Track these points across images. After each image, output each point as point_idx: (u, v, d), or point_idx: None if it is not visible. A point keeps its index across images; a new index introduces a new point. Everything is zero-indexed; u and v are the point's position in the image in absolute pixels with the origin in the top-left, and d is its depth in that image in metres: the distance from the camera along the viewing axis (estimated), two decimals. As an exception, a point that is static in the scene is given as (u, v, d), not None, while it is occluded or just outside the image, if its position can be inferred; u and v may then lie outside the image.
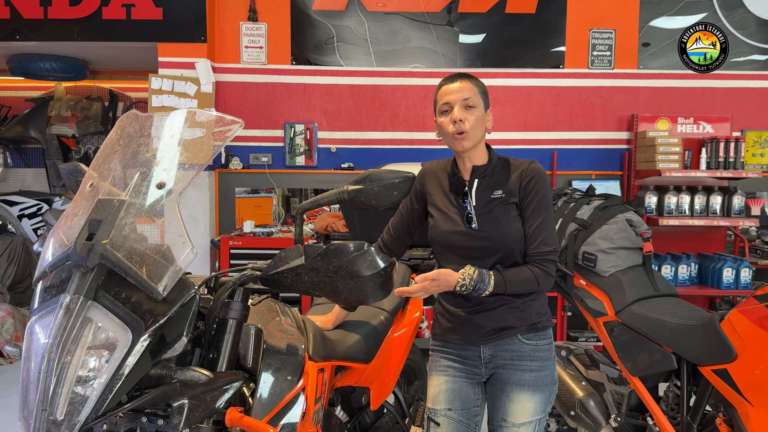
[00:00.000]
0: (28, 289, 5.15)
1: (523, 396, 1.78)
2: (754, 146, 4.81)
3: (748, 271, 4.24)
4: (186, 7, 4.53)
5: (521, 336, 1.79)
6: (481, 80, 1.83)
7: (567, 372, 2.58)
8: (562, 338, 4.54)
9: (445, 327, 1.87)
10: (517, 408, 1.78)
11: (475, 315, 1.79)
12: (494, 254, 1.75)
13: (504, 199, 1.76)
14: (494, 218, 1.75)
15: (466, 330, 1.81)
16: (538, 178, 1.77)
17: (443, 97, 1.79)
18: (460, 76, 1.81)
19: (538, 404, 1.78)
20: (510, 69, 4.82)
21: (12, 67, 5.30)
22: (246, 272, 1.42)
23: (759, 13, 4.79)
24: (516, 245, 1.75)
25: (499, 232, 1.74)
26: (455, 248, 1.78)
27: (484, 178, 1.80)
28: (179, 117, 1.42)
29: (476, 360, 1.84)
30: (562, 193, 2.70)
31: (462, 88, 1.77)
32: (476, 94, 1.78)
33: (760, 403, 1.84)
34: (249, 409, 1.38)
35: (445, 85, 1.80)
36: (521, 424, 1.77)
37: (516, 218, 1.76)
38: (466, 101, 1.76)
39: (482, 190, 1.79)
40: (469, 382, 1.86)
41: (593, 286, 2.44)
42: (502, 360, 1.81)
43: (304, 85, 4.80)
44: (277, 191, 5.11)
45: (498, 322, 1.77)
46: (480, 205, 1.77)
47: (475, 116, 1.76)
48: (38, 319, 1.15)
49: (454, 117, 1.74)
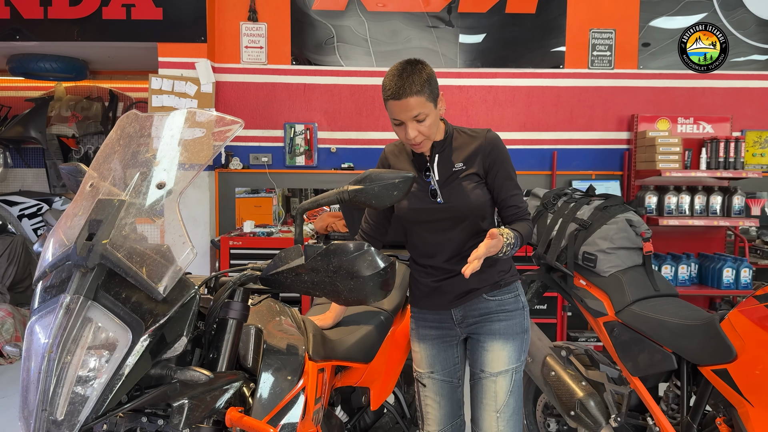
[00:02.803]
0: (28, 289, 5.15)
1: (496, 345, 1.90)
2: (754, 146, 4.81)
3: (748, 271, 4.24)
4: (186, 7, 4.53)
5: (486, 295, 1.91)
6: (424, 71, 1.72)
7: (567, 372, 2.58)
8: (562, 338, 4.54)
9: (417, 295, 2.01)
10: (492, 357, 1.89)
11: (441, 283, 1.90)
12: (460, 223, 1.85)
13: (464, 170, 1.84)
14: (457, 189, 1.83)
15: (435, 297, 1.94)
16: (497, 145, 1.86)
17: (392, 112, 1.74)
18: (403, 84, 1.69)
19: (512, 352, 1.90)
20: (510, 69, 4.81)
21: (12, 67, 5.30)
22: (246, 272, 1.42)
23: (759, 13, 4.79)
24: (479, 212, 1.85)
25: (463, 201, 1.82)
26: (422, 222, 1.88)
27: (444, 152, 1.87)
28: (179, 117, 1.42)
29: (450, 322, 1.97)
30: (562, 193, 2.70)
31: (409, 105, 1.70)
32: (423, 103, 1.71)
33: (760, 403, 1.84)
34: (249, 409, 1.38)
35: (391, 100, 1.71)
36: (498, 373, 1.88)
37: (477, 186, 1.84)
38: (416, 117, 1.73)
39: (443, 164, 1.86)
40: (446, 345, 2.00)
41: (593, 286, 2.44)
42: (473, 318, 1.94)
43: (304, 85, 4.80)
44: (277, 191, 5.11)
45: (463, 286, 1.89)
46: (442, 179, 1.85)
47: (428, 123, 1.76)
48: (38, 319, 1.15)
49: (408, 138, 1.76)
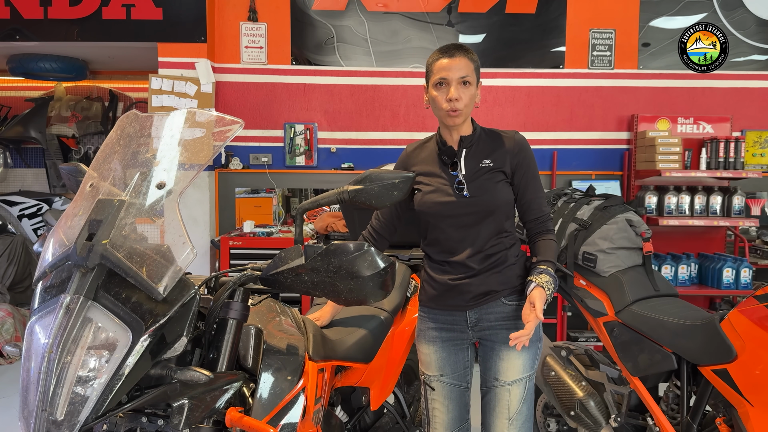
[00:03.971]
0: (28, 289, 5.15)
1: (512, 354, 1.84)
2: (754, 146, 4.81)
3: (748, 271, 4.24)
4: (186, 7, 4.53)
5: (504, 299, 1.85)
6: (474, 54, 1.81)
7: (567, 372, 2.58)
8: (562, 338, 4.54)
9: (430, 294, 1.91)
10: (507, 366, 1.84)
11: (460, 282, 1.84)
12: (484, 218, 1.81)
13: (492, 168, 1.82)
14: (483, 184, 1.81)
15: (451, 296, 1.86)
16: (526, 148, 1.87)
17: (439, 72, 1.78)
18: (458, 48, 1.78)
19: (527, 361, 1.85)
20: (510, 69, 4.81)
21: (12, 67, 5.29)
22: (246, 272, 1.42)
23: (759, 13, 4.78)
24: (504, 209, 1.83)
25: (489, 196, 1.80)
26: (446, 216, 1.83)
27: (471, 147, 1.86)
28: (179, 117, 1.42)
29: (462, 324, 1.89)
30: (562, 193, 2.69)
31: (460, 64, 1.76)
32: (472, 71, 1.78)
33: (760, 403, 1.84)
34: (249, 409, 1.38)
35: (442, 58, 1.78)
36: (512, 381, 1.84)
37: (503, 184, 1.83)
38: (463, 78, 1.76)
39: (470, 159, 1.84)
40: (457, 347, 1.93)
41: (593, 286, 2.44)
42: (488, 322, 1.86)
43: (304, 85, 4.79)
44: (277, 191, 5.11)
45: (483, 287, 1.83)
46: (469, 173, 1.82)
47: (470, 94, 1.79)
48: (38, 319, 1.15)
49: (451, 95, 1.76)
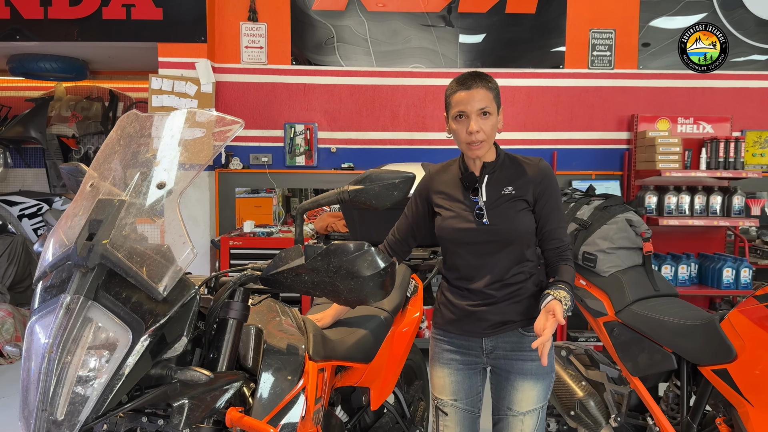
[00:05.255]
0: (28, 289, 5.15)
1: (527, 385, 1.83)
2: (754, 146, 4.81)
3: (748, 271, 4.24)
4: (186, 7, 4.53)
5: (522, 329, 1.83)
6: (493, 79, 1.78)
7: (567, 372, 2.58)
8: (562, 338, 4.54)
9: (447, 318, 1.89)
10: (521, 397, 1.83)
11: (478, 309, 1.81)
12: (504, 248, 1.77)
13: (514, 196, 1.78)
14: (504, 213, 1.77)
15: (468, 323, 1.84)
16: (550, 176, 1.83)
17: (458, 105, 1.73)
18: (474, 78, 1.74)
19: (541, 392, 1.84)
20: (510, 69, 4.82)
21: (12, 67, 5.30)
22: (246, 272, 1.42)
23: (759, 13, 4.79)
24: (525, 239, 1.79)
25: (509, 225, 1.76)
26: (465, 244, 1.80)
27: (494, 174, 1.82)
28: (179, 117, 1.42)
29: (477, 350, 1.87)
30: (562, 193, 2.70)
31: (478, 96, 1.71)
32: (491, 100, 1.74)
33: (760, 403, 1.84)
34: (249, 409, 1.38)
35: (460, 91, 1.74)
36: (526, 412, 1.82)
37: (525, 213, 1.79)
38: (482, 110, 1.72)
39: (492, 186, 1.80)
40: (471, 372, 1.91)
41: (593, 286, 2.44)
42: (503, 351, 1.85)
43: (304, 85, 4.80)
44: (277, 191, 5.11)
45: (500, 316, 1.81)
46: (490, 201, 1.78)
47: (491, 124, 1.75)
48: (38, 319, 1.15)
49: (471, 129, 1.71)
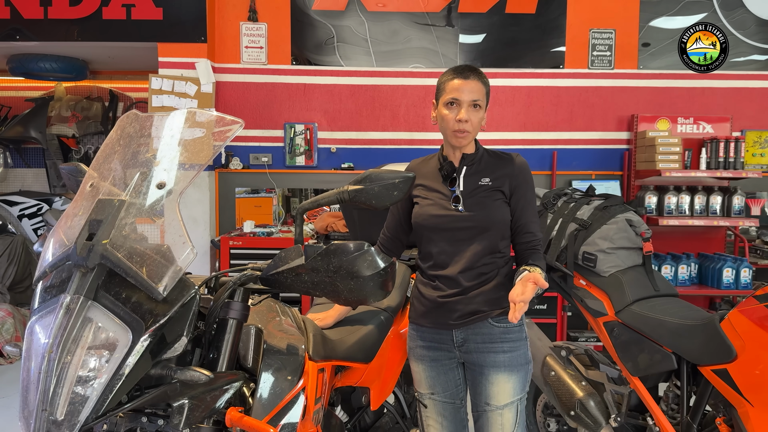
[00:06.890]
0: (28, 289, 5.15)
1: (501, 378, 1.84)
2: (754, 146, 4.81)
3: (748, 271, 4.24)
4: (186, 7, 4.53)
5: (492, 320, 1.85)
6: (486, 78, 1.85)
7: (567, 372, 2.58)
8: (562, 338, 4.54)
9: (419, 311, 1.93)
10: (498, 390, 1.84)
11: (448, 300, 1.84)
12: (479, 235, 1.82)
13: (491, 187, 1.84)
14: (480, 201, 1.83)
15: (438, 314, 1.87)
16: (526, 171, 1.89)
17: (452, 92, 1.80)
18: (471, 70, 1.82)
19: (517, 384, 1.85)
20: (510, 69, 4.81)
21: (12, 67, 5.30)
22: (246, 272, 1.42)
23: (759, 13, 4.79)
24: (499, 227, 1.84)
25: (485, 213, 1.81)
26: (440, 230, 1.84)
27: (472, 166, 1.88)
28: (179, 117, 1.42)
29: (449, 343, 1.90)
30: (562, 193, 2.69)
31: (473, 87, 1.79)
32: (483, 95, 1.82)
33: (760, 403, 1.84)
34: (249, 409, 1.38)
35: (456, 78, 1.81)
36: (504, 405, 1.84)
37: (501, 203, 1.84)
38: (474, 101, 1.80)
39: (470, 176, 1.86)
40: (446, 367, 1.93)
41: (593, 286, 2.44)
42: (474, 343, 1.86)
43: (304, 85, 4.80)
44: (277, 191, 5.11)
45: (470, 306, 1.83)
46: (467, 190, 1.84)
47: (479, 117, 1.82)
48: (38, 319, 1.15)
49: (461, 117, 1.79)
